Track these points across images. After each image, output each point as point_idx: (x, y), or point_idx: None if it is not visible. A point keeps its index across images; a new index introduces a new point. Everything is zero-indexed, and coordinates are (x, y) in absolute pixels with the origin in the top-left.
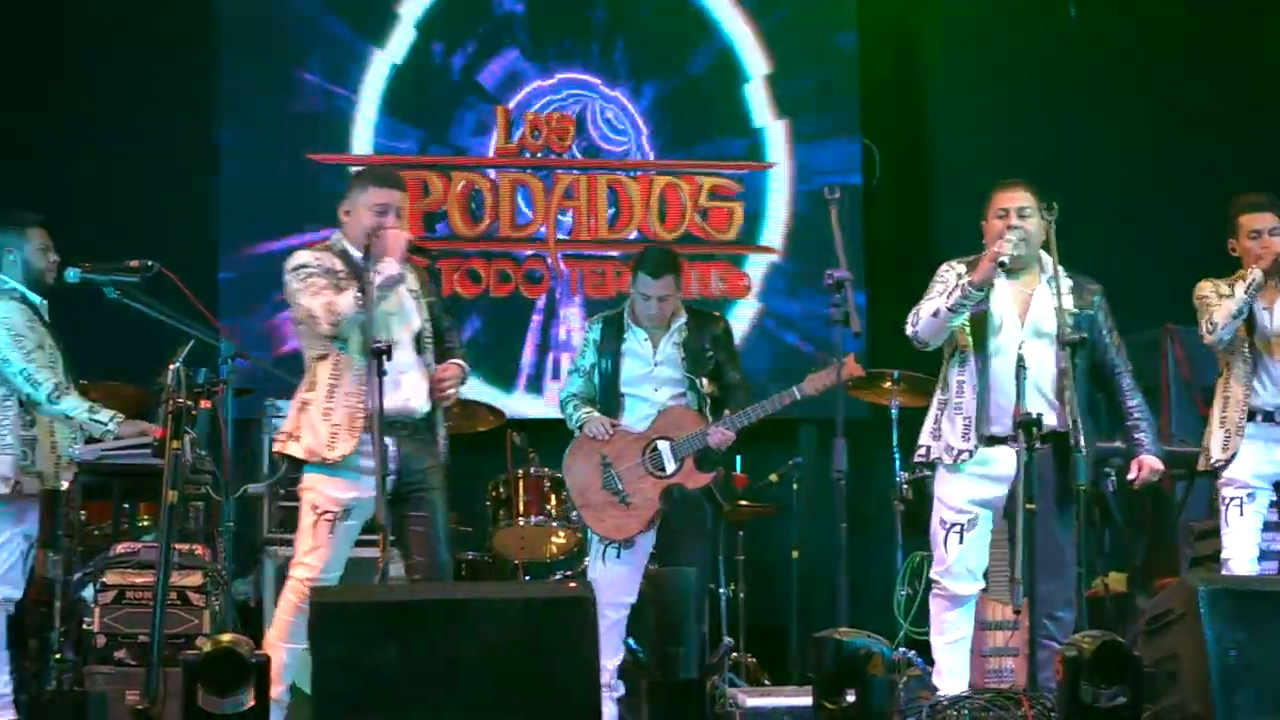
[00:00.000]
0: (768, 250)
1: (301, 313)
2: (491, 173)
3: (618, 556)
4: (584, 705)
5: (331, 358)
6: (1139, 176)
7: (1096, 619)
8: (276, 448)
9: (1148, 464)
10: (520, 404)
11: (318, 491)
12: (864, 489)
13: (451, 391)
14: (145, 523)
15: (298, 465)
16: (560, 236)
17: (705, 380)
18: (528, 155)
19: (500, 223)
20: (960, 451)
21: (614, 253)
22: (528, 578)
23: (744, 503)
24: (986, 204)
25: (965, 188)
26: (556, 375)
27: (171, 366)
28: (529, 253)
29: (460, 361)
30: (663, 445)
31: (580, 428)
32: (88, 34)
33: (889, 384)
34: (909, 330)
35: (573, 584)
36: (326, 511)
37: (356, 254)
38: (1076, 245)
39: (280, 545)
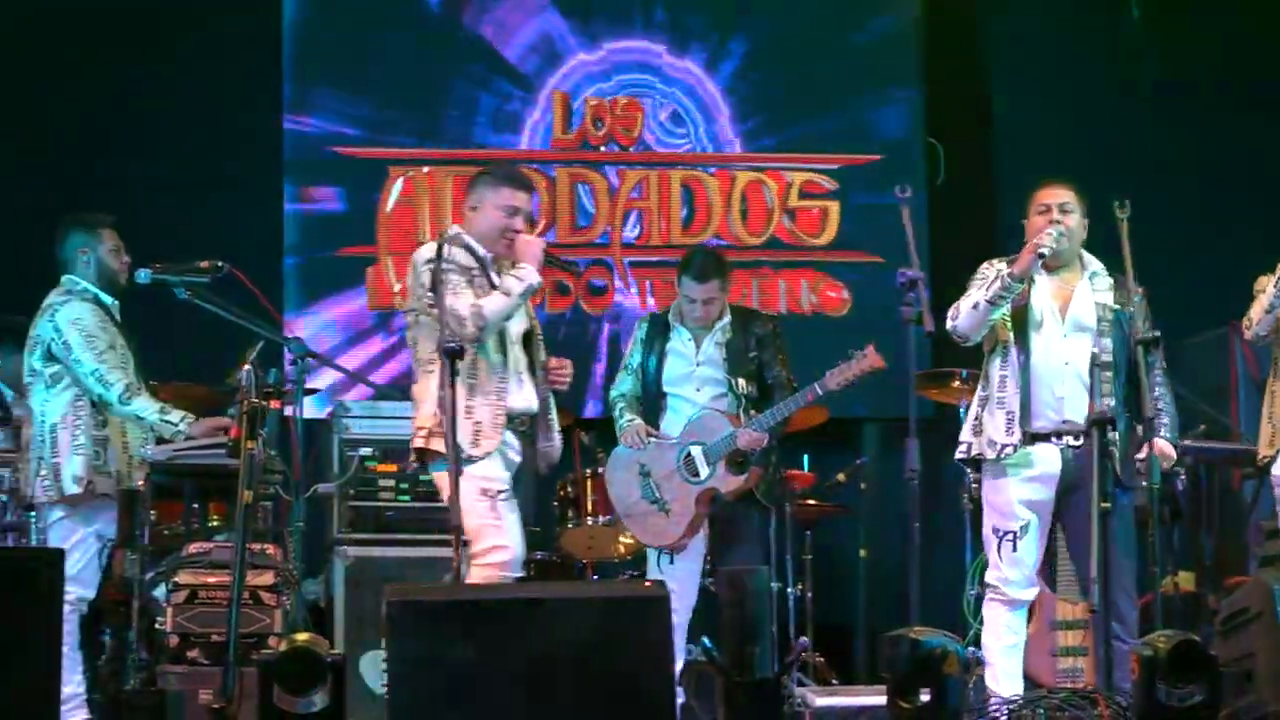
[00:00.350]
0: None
1: (439, 310)
2: (550, 169)
3: (671, 562)
4: (659, 704)
5: (469, 356)
6: (1204, 174)
7: (1167, 618)
8: (418, 443)
9: (1159, 446)
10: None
11: (475, 478)
12: (932, 488)
13: (568, 377)
14: (215, 523)
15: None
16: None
17: (742, 381)
18: (589, 149)
19: (558, 226)
20: (1004, 446)
21: None
22: (595, 577)
23: (811, 502)
24: (1028, 202)
25: (1029, 188)
26: None
27: (245, 367)
28: (590, 259)
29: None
30: (695, 450)
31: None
32: (154, 35)
33: (957, 383)
34: (949, 324)
35: (648, 582)
36: (501, 491)
37: (482, 251)
38: (1142, 243)
39: (350, 545)
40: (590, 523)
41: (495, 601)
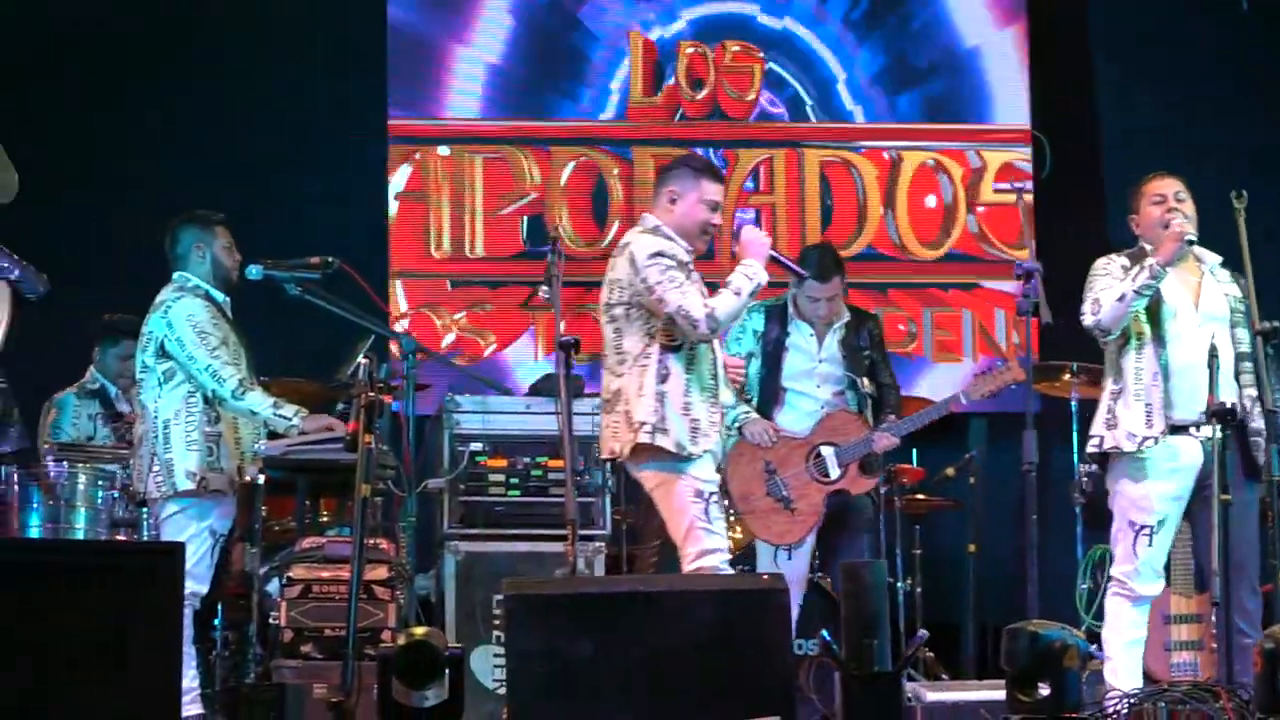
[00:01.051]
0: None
1: (669, 308)
2: (626, 150)
3: (789, 558)
4: (777, 696)
5: (685, 349)
6: None
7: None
8: (644, 438)
9: None
10: None
11: (692, 478)
12: (1042, 482)
13: (742, 376)
14: (325, 518)
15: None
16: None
17: (865, 380)
18: (683, 119)
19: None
20: (1144, 439)
21: None
22: None
23: (920, 497)
24: (1135, 196)
25: (1136, 181)
26: None
27: (363, 360)
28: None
29: None
30: (827, 451)
31: (739, 429)
32: (259, 36)
33: (1068, 376)
34: (1089, 320)
35: (764, 576)
36: (713, 493)
37: (684, 244)
38: (1251, 237)
39: (460, 540)
40: None
41: (613, 595)
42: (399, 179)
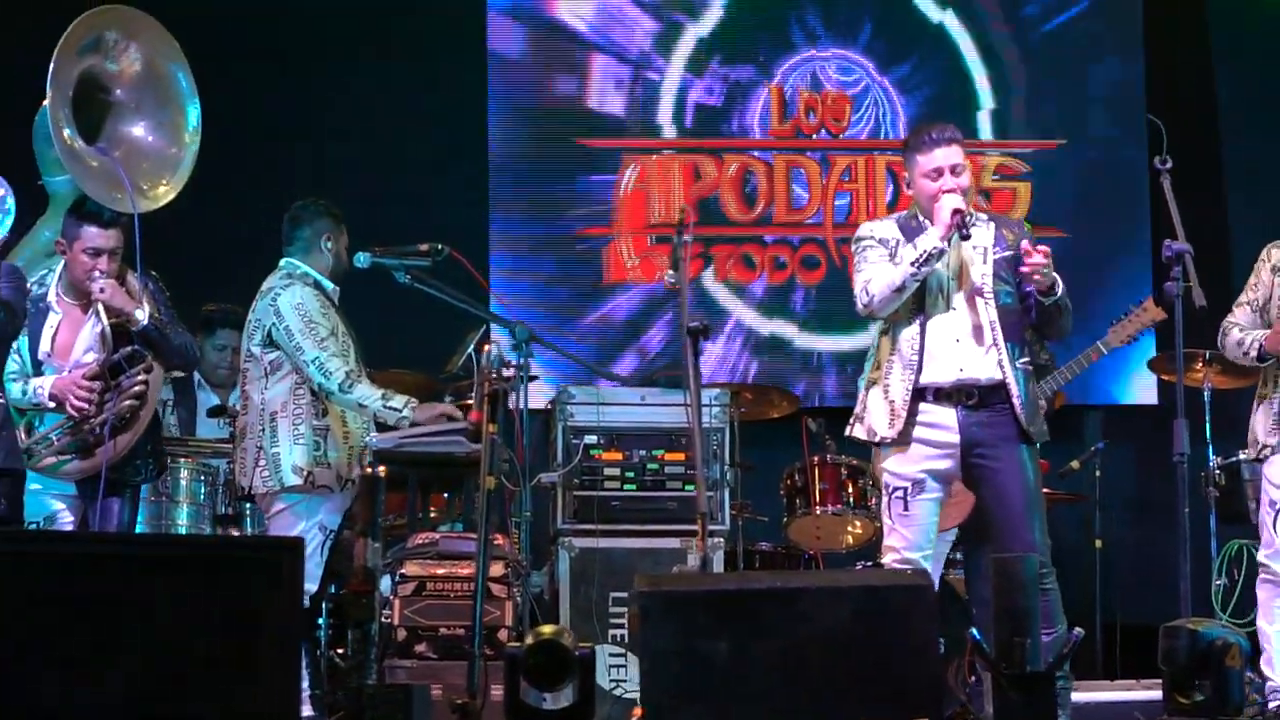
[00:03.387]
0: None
1: (855, 288)
2: (767, 155)
3: None
4: (923, 694)
5: (890, 330)
6: None
7: None
8: (846, 431)
9: None
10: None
11: (884, 470)
12: (1173, 474)
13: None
14: (434, 514)
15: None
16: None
17: None
18: (802, 137)
19: (775, 207)
20: None
21: None
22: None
23: (1044, 490)
24: None
25: (1254, 166)
26: None
27: (487, 348)
28: (804, 238)
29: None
30: None
31: None
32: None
33: (1200, 365)
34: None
35: (909, 571)
36: (897, 489)
37: (923, 221)
38: None
39: (575, 536)
40: (819, 512)
41: (750, 592)
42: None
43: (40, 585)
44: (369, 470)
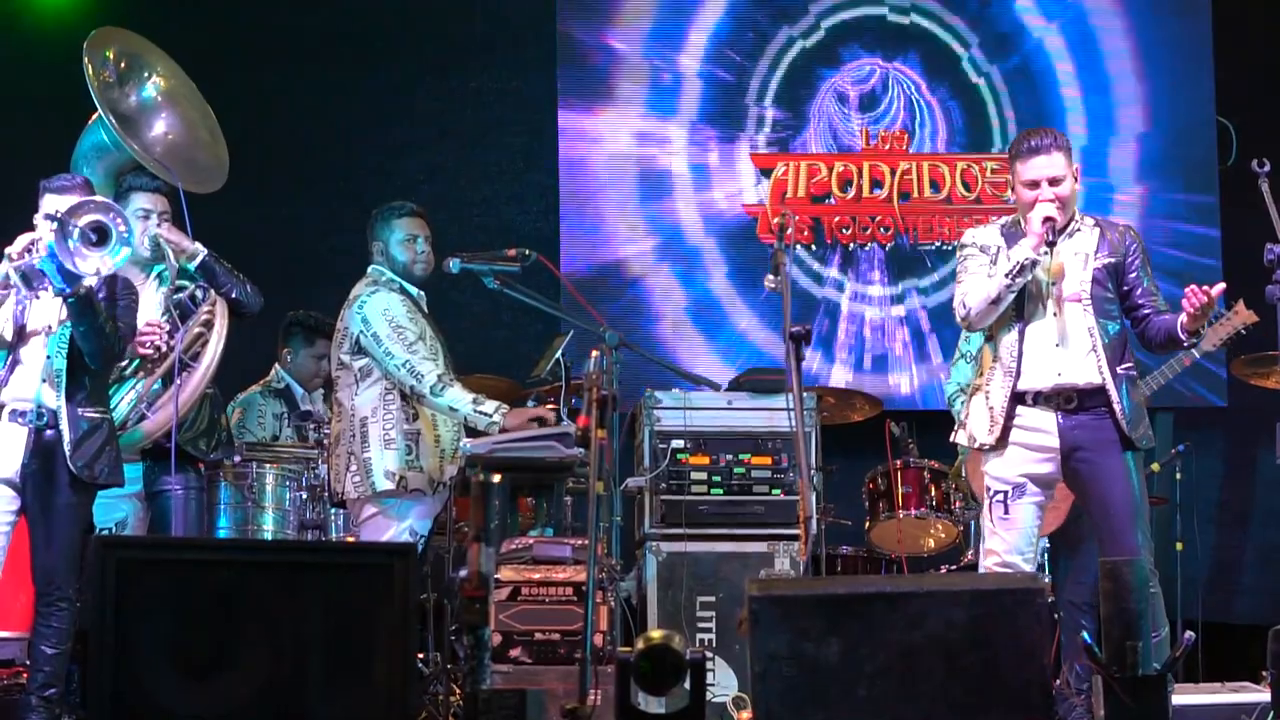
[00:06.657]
0: None
1: (955, 299)
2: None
3: None
4: (1035, 699)
5: (993, 338)
6: None
7: None
8: (950, 437)
9: None
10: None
11: (986, 474)
12: (1251, 480)
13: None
14: (521, 519)
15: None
16: None
17: None
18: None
19: None
20: None
21: None
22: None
23: None
24: None
25: None
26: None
27: (594, 354)
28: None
29: None
30: None
31: None
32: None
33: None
34: None
35: (1022, 574)
36: (997, 493)
37: (1025, 228)
38: None
39: (662, 540)
40: (902, 515)
41: (861, 595)
42: None
43: (162, 590)
44: (480, 477)
